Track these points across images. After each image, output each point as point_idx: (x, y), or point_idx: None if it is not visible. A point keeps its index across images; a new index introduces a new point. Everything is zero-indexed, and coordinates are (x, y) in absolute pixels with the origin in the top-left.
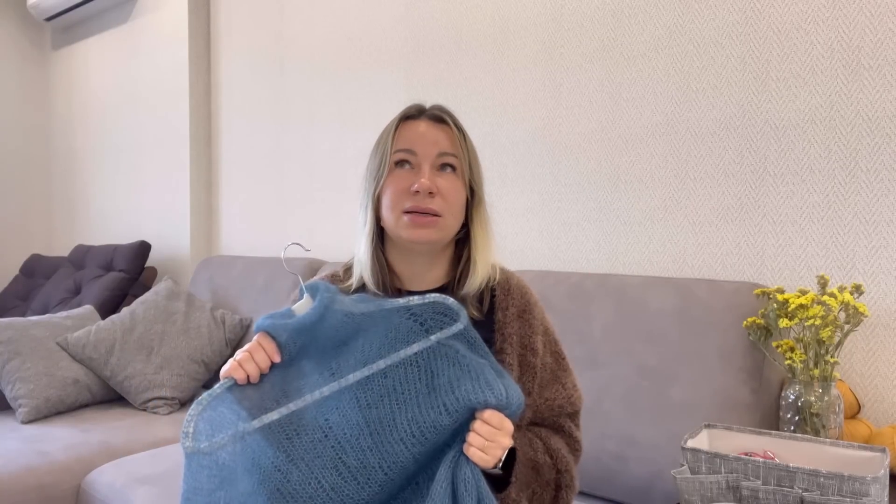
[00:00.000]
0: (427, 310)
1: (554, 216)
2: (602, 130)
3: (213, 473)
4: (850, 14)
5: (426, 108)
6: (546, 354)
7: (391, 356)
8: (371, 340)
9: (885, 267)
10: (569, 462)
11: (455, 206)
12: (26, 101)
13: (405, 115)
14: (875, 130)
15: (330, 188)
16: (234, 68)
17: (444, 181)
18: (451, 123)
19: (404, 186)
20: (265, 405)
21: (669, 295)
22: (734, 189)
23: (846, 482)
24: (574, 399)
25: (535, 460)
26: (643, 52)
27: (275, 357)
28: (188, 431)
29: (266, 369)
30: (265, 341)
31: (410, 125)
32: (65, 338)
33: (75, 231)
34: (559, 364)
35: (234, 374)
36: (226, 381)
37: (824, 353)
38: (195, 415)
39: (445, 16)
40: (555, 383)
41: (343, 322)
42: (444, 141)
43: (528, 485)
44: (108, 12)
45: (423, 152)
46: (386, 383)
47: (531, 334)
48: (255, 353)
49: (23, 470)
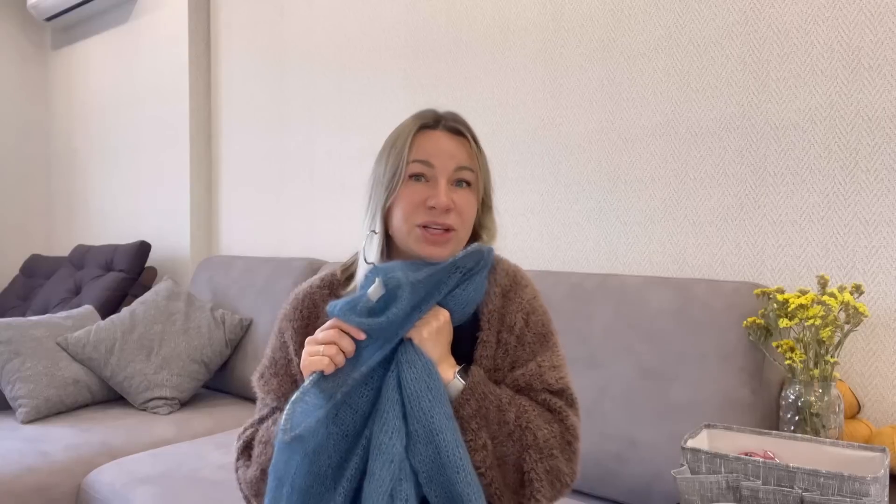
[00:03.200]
0: (467, 260)
1: (554, 216)
2: (602, 130)
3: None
4: (850, 14)
5: (441, 114)
6: (527, 333)
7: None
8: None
9: (885, 267)
10: (532, 420)
11: (468, 221)
12: (26, 101)
13: (422, 123)
14: (875, 130)
15: (330, 188)
16: (234, 68)
17: (459, 196)
18: (468, 136)
19: (419, 200)
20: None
21: (669, 295)
22: (734, 189)
23: (846, 482)
24: (547, 377)
25: (499, 397)
26: (643, 52)
27: (360, 336)
28: (286, 428)
29: (352, 353)
30: (344, 325)
31: (428, 135)
32: (65, 338)
33: (75, 231)
34: (543, 344)
35: (320, 366)
36: (313, 375)
37: (824, 353)
38: (291, 411)
39: (445, 16)
40: (529, 362)
41: (412, 294)
42: (461, 155)
43: (487, 420)
44: (108, 12)
45: (441, 165)
46: None
47: (513, 311)
48: (341, 341)
49: (23, 470)
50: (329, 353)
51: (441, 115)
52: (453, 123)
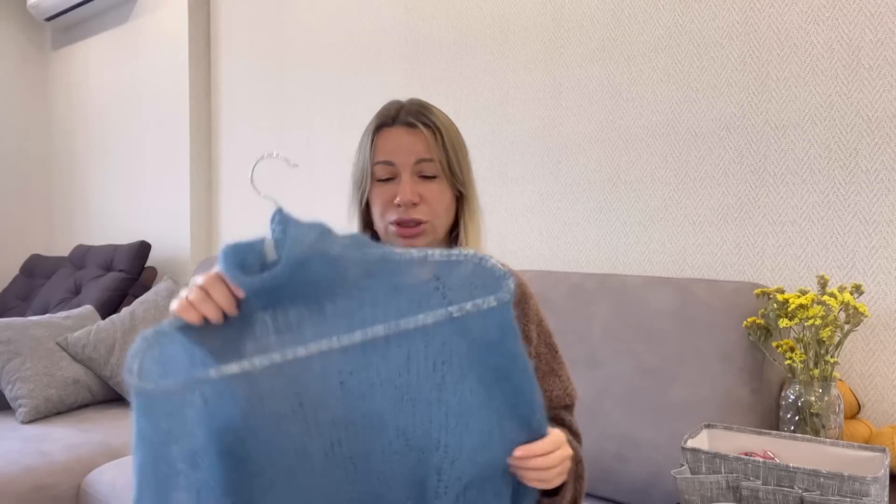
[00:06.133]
0: (452, 271)
1: (554, 216)
2: (602, 130)
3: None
4: (850, 14)
5: (401, 107)
6: (540, 345)
7: (394, 323)
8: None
9: (885, 267)
10: (580, 452)
11: (440, 209)
12: (26, 101)
13: (380, 122)
14: (875, 130)
15: (330, 188)
16: (234, 68)
17: (426, 189)
18: (422, 126)
19: (388, 199)
20: (226, 354)
21: (669, 295)
22: (734, 189)
23: (846, 482)
24: (570, 391)
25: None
26: (643, 52)
27: (238, 293)
28: (132, 368)
29: (230, 309)
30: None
31: (386, 134)
32: (65, 338)
33: (75, 231)
34: (554, 356)
35: (185, 315)
36: (175, 320)
37: (824, 353)
38: (141, 351)
39: (445, 16)
40: (551, 375)
41: (332, 271)
42: (419, 148)
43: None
44: (108, 12)
45: (402, 162)
46: (382, 366)
47: (526, 323)
48: (214, 289)
49: (23, 470)
50: (193, 299)
51: (400, 108)
52: (408, 118)
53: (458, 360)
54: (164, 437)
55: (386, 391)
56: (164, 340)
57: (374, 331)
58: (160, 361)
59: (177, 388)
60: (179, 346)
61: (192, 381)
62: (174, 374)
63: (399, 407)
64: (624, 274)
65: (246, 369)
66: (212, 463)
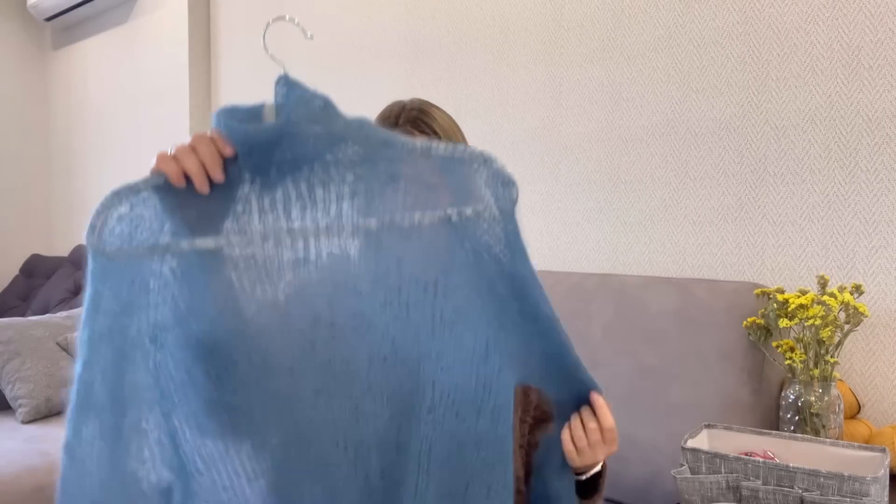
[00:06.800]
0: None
1: (554, 216)
2: (602, 130)
3: (119, 292)
4: (850, 14)
5: (402, 109)
6: None
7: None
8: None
9: (885, 267)
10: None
11: None
12: (26, 101)
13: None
14: (875, 130)
15: None
16: (234, 68)
17: None
18: (420, 136)
19: None
20: (202, 229)
21: (669, 295)
22: (734, 189)
23: (846, 482)
24: None
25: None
26: (643, 52)
27: (225, 150)
28: (96, 225)
29: (215, 172)
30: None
31: None
32: (65, 338)
33: (75, 231)
34: None
35: (164, 167)
36: (153, 177)
37: (824, 353)
38: (107, 208)
39: (445, 16)
40: None
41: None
42: None
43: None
44: (108, 12)
45: None
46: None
47: None
48: (200, 144)
49: (23, 470)
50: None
51: (401, 112)
52: (407, 125)
53: (454, 267)
54: (124, 307)
55: (374, 291)
56: (136, 200)
57: (366, 223)
58: (128, 222)
59: (142, 254)
60: (151, 211)
61: (161, 248)
62: (140, 240)
63: (387, 310)
64: (624, 274)
65: (221, 246)
66: (175, 345)
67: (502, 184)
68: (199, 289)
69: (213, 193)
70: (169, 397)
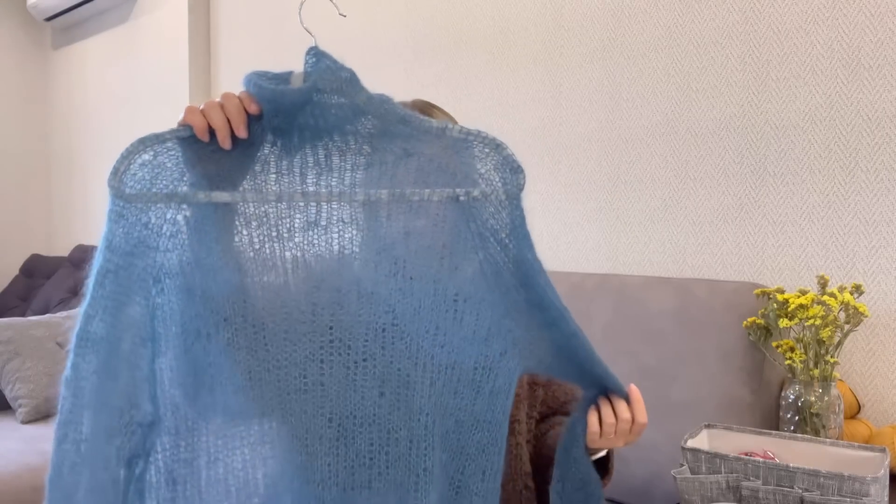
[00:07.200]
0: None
1: (554, 216)
2: (602, 130)
3: (132, 232)
4: (850, 14)
5: None
6: None
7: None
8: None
9: (885, 267)
10: None
11: None
12: (26, 101)
13: None
14: (875, 130)
15: None
16: (234, 68)
17: None
18: None
19: None
20: (219, 183)
21: (669, 295)
22: (734, 189)
23: (846, 482)
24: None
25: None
26: (643, 52)
27: (251, 107)
28: (119, 168)
29: (239, 128)
30: (244, 94)
31: None
32: (65, 338)
33: (75, 231)
34: None
35: (190, 119)
36: (180, 128)
37: (824, 353)
38: (132, 152)
39: (445, 16)
40: None
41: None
42: None
43: None
44: (108, 12)
45: None
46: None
47: None
48: (227, 100)
49: (23, 470)
50: (203, 106)
51: None
52: None
53: (459, 246)
54: (134, 246)
55: (380, 261)
56: (160, 149)
57: (378, 194)
58: (150, 169)
59: (160, 200)
60: (174, 161)
61: (178, 196)
62: (160, 187)
63: (391, 281)
64: (624, 274)
65: (236, 201)
66: (175, 293)
67: (511, 170)
68: (208, 241)
69: (234, 151)
70: (158, 341)
